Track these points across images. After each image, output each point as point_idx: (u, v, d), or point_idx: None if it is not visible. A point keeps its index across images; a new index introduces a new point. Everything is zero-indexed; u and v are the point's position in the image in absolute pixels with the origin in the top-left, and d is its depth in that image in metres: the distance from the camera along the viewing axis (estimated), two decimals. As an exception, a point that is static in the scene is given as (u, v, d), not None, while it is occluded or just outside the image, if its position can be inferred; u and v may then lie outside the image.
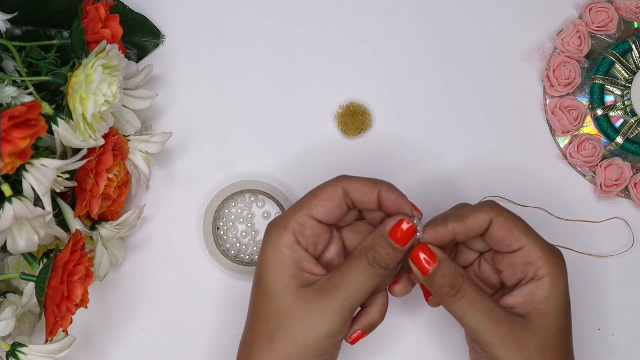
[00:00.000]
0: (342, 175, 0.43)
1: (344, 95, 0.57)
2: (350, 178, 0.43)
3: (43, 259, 0.46)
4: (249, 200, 0.55)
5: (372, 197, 0.42)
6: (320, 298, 0.41)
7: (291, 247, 0.42)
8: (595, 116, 0.56)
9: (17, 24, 0.52)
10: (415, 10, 0.58)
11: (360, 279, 0.41)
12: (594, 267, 0.56)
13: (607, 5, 0.56)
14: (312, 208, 0.42)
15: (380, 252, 0.41)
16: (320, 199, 0.42)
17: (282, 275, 0.42)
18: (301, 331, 0.41)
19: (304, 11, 0.57)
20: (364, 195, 0.42)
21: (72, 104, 0.44)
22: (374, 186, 0.42)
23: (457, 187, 0.56)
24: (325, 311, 0.41)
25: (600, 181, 0.55)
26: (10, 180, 0.42)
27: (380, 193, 0.42)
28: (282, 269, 0.42)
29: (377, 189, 0.42)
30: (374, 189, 0.42)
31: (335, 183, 0.43)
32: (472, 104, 0.57)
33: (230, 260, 0.53)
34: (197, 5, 0.57)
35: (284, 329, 0.41)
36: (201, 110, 0.56)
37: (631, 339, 0.55)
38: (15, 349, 0.43)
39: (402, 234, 0.41)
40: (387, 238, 0.41)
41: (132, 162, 0.51)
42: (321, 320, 0.41)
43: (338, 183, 0.43)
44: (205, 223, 0.54)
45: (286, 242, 0.42)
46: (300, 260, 0.42)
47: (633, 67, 0.56)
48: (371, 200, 0.42)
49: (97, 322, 0.54)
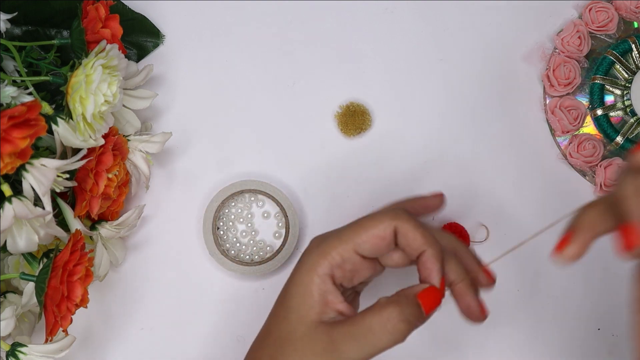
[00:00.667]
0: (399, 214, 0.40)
1: (344, 95, 0.57)
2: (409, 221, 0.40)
3: (43, 259, 0.46)
4: (249, 200, 0.55)
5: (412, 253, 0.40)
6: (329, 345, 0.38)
7: (323, 277, 0.39)
8: (595, 116, 0.56)
9: (17, 24, 0.52)
10: (415, 10, 0.58)
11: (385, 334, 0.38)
12: (594, 266, 0.56)
13: (607, 5, 0.56)
14: (360, 245, 0.40)
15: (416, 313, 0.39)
16: (370, 236, 0.40)
17: (304, 302, 0.40)
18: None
19: (304, 11, 0.57)
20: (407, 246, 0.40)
21: (72, 104, 0.44)
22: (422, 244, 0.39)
23: (457, 187, 0.56)
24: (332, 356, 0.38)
25: (600, 181, 0.55)
26: (10, 180, 0.42)
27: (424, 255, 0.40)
28: (306, 297, 0.39)
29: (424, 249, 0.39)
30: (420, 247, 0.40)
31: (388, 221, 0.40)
32: (472, 104, 0.57)
33: (230, 260, 0.53)
34: (197, 5, 0.57)
35: (285, 357, 0.39)
36: (201, 110, 0.56)
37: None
38: (15, 349, 0.43)
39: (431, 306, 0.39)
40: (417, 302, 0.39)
41: (132, 162, 0.51)
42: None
43: (392, 222, 0.39)
44: (205, 223, 0.54)
45: (320, 272, 0.39)
46: (327, 294, 0.39)
47: (633, 67, 0.56)
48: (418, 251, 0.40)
49: (97, 322, 0.54)
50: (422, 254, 0.40)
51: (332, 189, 0.56)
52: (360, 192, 0.55)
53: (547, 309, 0.55)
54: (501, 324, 0.55)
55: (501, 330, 0.55)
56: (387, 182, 0.56)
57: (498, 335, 0.55)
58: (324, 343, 0.38)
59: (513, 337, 0.55)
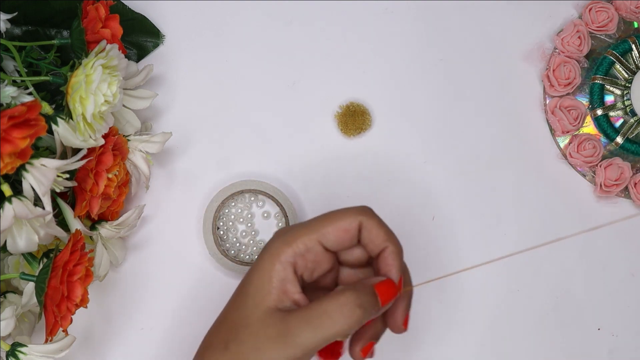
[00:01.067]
0: (366, 210, 0.41)
1: (344, 95, 0.57)
2: (373, 217, 0.41)
3: (43, 259, 0.46)
4: (249, 200, 0.55)
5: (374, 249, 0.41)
6: (287, 326, 0.39)
7: (285, 265, 0.40)
8: (595, 116, 0.56)
9: (17, 24, 0.52)
10: (415, 10, 0.58)
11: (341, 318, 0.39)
12: (594, 267, 0.56)
13: (607, 5, 0.56)
14: (325, 235, 0.40)
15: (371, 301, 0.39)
16: (335, 229, 0.40)
17: (261, 288, 0.40)
18: (253, 352, 0.39)
19: (304, 11, 0.57)
20: (369, 242, 0.41)
21: (72, 104, 0.44)
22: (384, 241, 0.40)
23: (457, 187, 0.56)
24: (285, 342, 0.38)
25: (600, 181, 0.55)
26: (10, 180, 0.42)
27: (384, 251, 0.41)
28: (264, 283, 0.40)
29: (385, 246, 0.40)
30: (382, 243, 0.40)
31: (353, 215, 0.40)
32: (472, 103, 0.57)
33: (230, 260, 0.53)
34: (197, 5, 0.57)
35: (239, 341, 0.39)
36: (201, 110, 0.56)
37: (631, 339, 0.55)
38: (15, 349, 0.43)
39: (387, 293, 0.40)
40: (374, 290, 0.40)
41: (132, 162, 0.51)
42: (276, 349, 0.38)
43: (357, 217, 0.40)
44: (205, 223, 0.54)
45: (282, 259, 0.40)
46: (286, 283, 0.40)
47: (633, 67, 0.56)
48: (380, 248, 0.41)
49: (97, 322, 0.54)
50: (383, 250, 0.41)
51: (332, 188, 0.56)
52: (360, 192, 0.55)
53: (547, 309, 0.55)
54: (501, 324, 0.55)
55: (501, 330, 0.55)
56: (387, 182, 0.56)
57: (498, 336, 0.55)
58: (278, 328, 0.39)
59: (513, 337, 0.55)
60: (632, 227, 0.56)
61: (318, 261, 0.41)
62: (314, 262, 0.41)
